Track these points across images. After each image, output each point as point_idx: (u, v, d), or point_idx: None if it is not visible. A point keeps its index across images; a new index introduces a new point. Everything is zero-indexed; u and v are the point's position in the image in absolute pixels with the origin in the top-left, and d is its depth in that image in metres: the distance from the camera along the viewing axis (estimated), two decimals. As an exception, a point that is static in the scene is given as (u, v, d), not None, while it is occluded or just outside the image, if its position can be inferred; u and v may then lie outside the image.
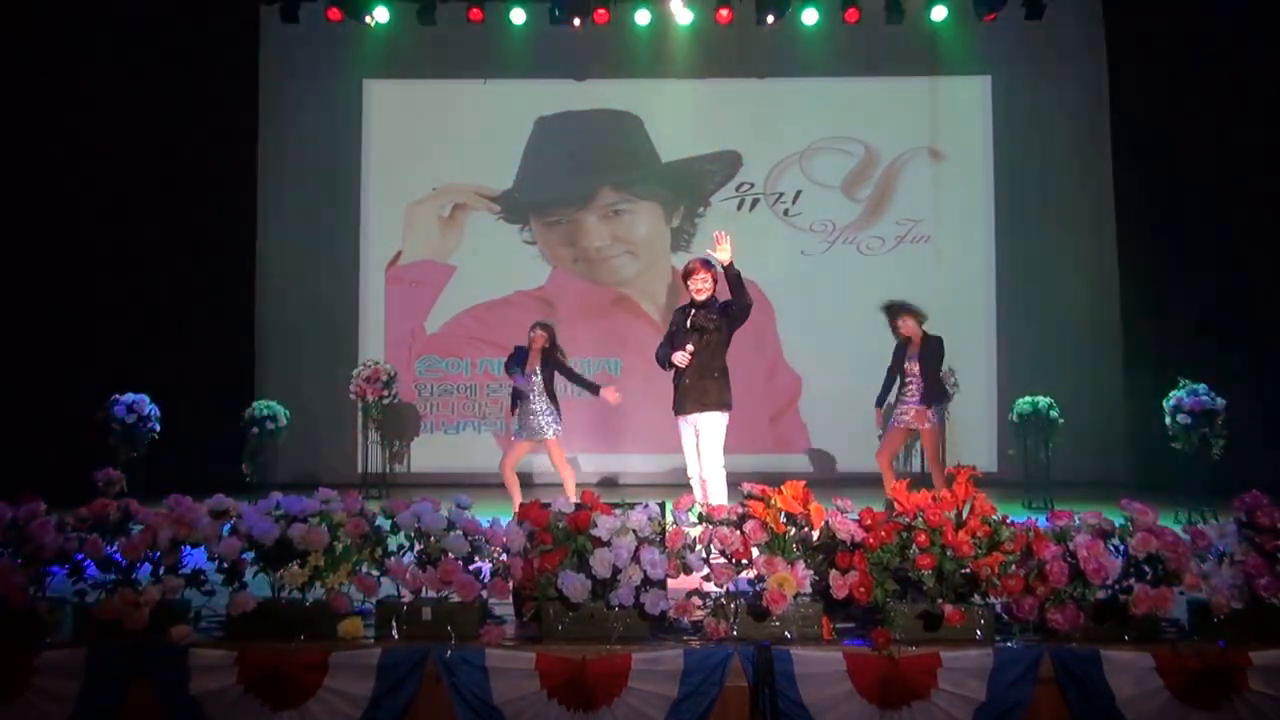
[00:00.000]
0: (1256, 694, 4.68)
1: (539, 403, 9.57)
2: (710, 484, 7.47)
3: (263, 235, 13.86)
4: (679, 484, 7.33)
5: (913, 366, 9.39)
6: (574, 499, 5.36)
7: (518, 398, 9.68)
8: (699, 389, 7.65)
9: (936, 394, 9.43)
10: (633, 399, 13.76)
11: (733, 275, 7.56)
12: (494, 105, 14.04)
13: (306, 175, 13.93)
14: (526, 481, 12.73)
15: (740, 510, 5.10)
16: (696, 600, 4.99)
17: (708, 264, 7.78)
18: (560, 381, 9.79)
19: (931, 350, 9.45)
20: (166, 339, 12.43)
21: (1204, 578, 4.87)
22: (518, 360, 9.69)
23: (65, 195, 12.24)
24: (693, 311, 7.81)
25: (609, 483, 13.20)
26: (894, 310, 9.61)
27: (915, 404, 9.32)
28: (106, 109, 12.47)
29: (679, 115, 14.08)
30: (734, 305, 7.69)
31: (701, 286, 7.77)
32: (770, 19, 13.16)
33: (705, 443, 7.59)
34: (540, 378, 9.60)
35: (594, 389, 9.71)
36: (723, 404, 7.67)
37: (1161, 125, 12.73)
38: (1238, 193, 12.08)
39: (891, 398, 9.70)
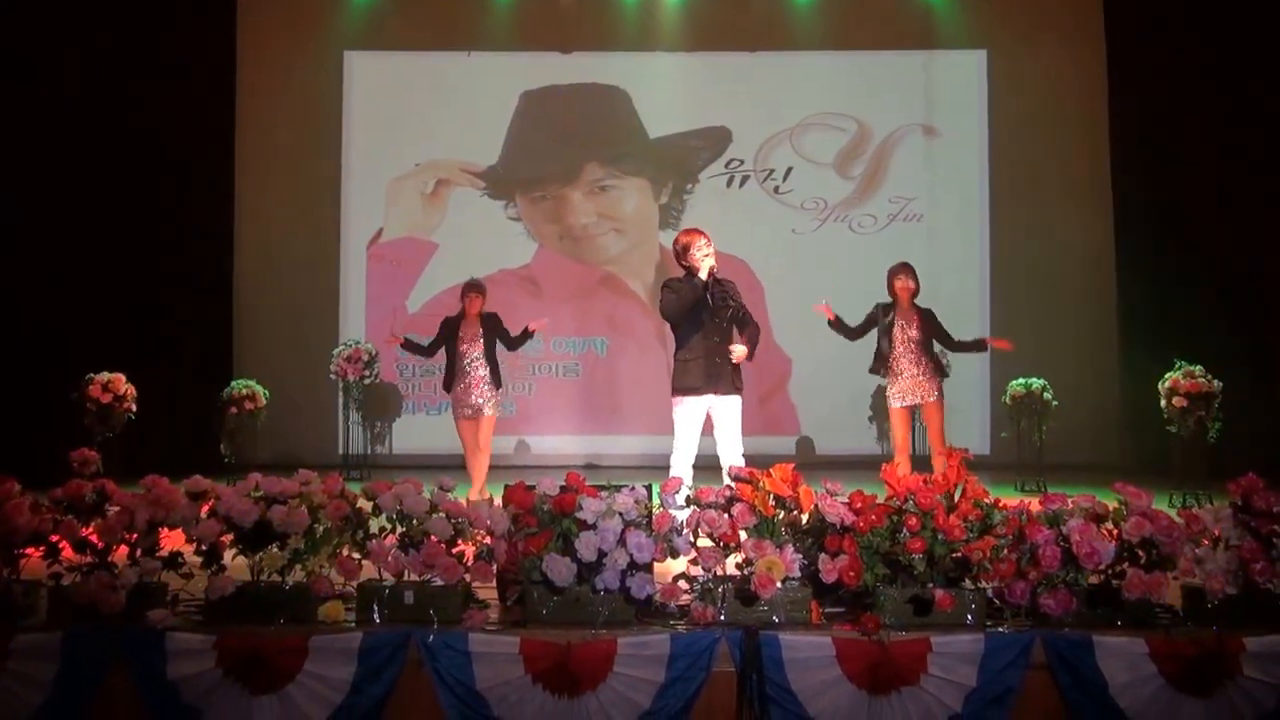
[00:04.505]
0: (1250, 680, 4.70)
1: (477, 375, 9.12)
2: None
3: (241, 211, 13.81)
4: (666, 466, 7.30)
5: (909, 333, 9.14)
6: (480, 492, 5.35)
7: (453, 372, 9.18)
8: (731, 369, 7.41)
9: (939, 364, 9.30)
10: (619, 380, 13.84)
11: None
12: (478, 78, 13.99)
13: (285, 150, 13.89)
14: (511, 463, 12.78)
15: (728, 493, 5.11)
16: (683, 584, 5.01)
17: (701, 231, 7.47)
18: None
19: (930, 319, 9.27)
20: (143, 317, 12.40)
21: (1198, 563, 4.88)
22: (449, 331, 9.21)
23: (36, 171, 12.16)
24: (714, 286, 7.37)
25: (594, 464, 13.20)
26: (907, 267, 9.36)
27: (920, 375, 9.07)
28: (79, 82, 12.38)
29: (668, 90, 14.06)
30: (747, 330, 7.63)
31: (709, 251, 7.34)
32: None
33: (733, 426, 7.38)
34: (480, 343, 9.15)
35: (525, 335, 9.37)
36: (742, 387, 7.55)
37: (1160, 101, 12.75)
38: (1237, 172, 12.10)
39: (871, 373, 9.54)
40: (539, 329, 9.54)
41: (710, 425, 7.47)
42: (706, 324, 7.38)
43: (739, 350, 7.41)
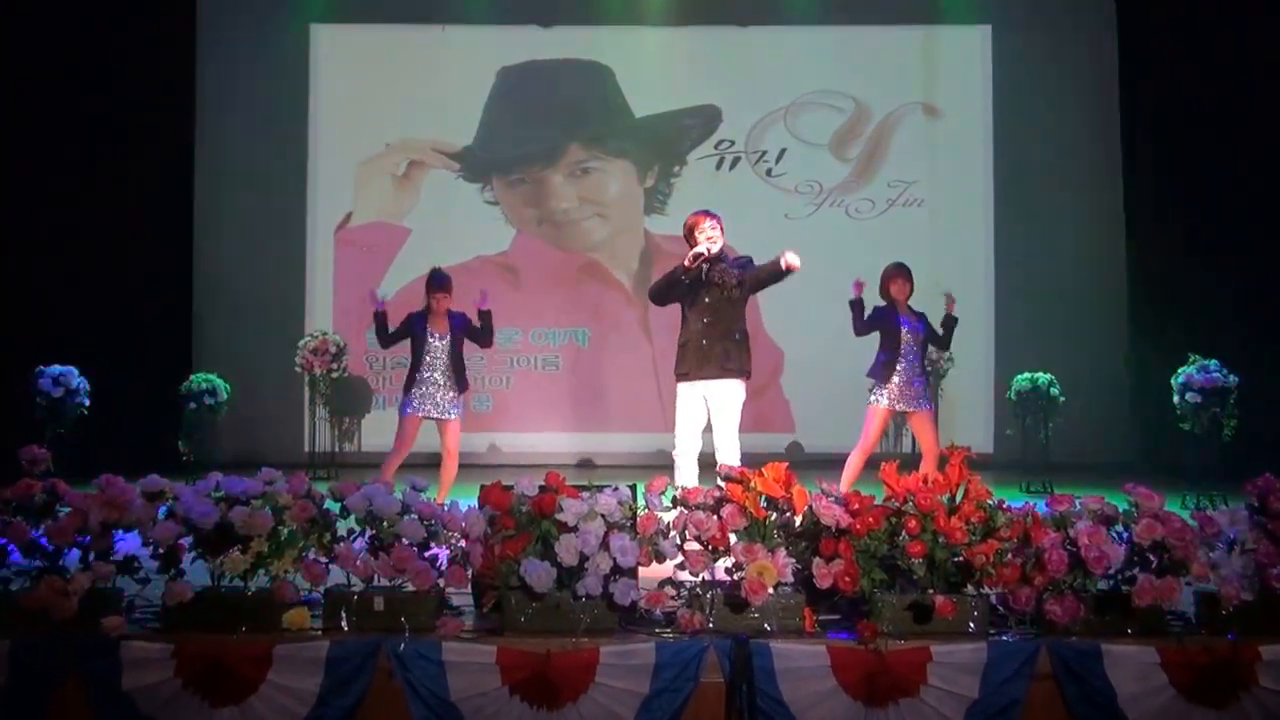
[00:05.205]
0: (1266, 691, 4.72)
1: (443, 375, 8.84)
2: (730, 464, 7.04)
3: (201, 195, 13.73)
4: (652, 465, 7.31)
5: (915, 337, 8.94)
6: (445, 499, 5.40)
7: (415, 369, 8.84)
8: (721, 351, 7.33)
9: (931, 370, 9.23)
10: (602, 372, 13.82)
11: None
12: (453, 54, 13.96)
13: (248, 129, 13.80)
14: (487, 461, 12.76)
15: (717, 494, 5.10)
16: (670, 590, 5.00)
17: (711, 213, 7.50)
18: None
19: (924, 321, 9.13)
20: (97, 307, 12.31)
21: (1212, 567, 4.89)
22: (417, 324, 8.90)
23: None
24: (707, 265, 7.37)
25: (579, 463, 13.18)
26: (903, 269, 9.14)
27: (917, 381, 8.87)
28: (30, 61, 12.28)
29: (654, 66, 14.03)
30: (762, 270, 7.50)
31: (713, 234, 7.37)
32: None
33: (726, 415, 7.34)
34: (448, 343, 8.86)
35: (485, 320, 8.97)
36: (744, 370, 7.45)
37: (1173, 80, 12.75)
38: (1254, 155, 12.09)
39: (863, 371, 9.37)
40: (483, 304, 9.02)
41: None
42: (696, 305, 7.42)
43: (790, 258, 7.23)
